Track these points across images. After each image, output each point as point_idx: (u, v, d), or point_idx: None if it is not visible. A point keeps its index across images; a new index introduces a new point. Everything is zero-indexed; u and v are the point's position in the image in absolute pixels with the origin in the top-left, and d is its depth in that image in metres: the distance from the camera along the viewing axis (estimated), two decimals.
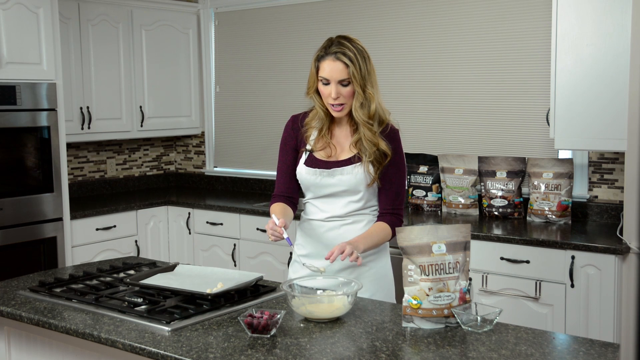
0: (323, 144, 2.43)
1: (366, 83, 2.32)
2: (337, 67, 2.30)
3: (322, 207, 2.45)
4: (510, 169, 3.83)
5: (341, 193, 2.41)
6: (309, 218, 2.50)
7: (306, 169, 2.44)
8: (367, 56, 2.35)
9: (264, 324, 1.94)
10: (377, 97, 2.36)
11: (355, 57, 2.30)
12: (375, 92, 2.35)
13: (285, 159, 2.52)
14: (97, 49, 4.59)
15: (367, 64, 2.33)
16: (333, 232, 2.44)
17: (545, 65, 3.72)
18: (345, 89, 2.32)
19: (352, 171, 2.38)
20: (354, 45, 2.33)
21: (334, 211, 2.43)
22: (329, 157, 2.42)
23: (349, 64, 2.29)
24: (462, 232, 2.10)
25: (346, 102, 2.35)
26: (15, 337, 2.44)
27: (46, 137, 3.98)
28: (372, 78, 2.35)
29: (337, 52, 2.30)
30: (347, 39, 2.35)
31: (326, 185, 2.41)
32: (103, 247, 4.37)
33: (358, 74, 2.30)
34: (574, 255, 3.19)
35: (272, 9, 4.92)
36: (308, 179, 2.44)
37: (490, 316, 2.02)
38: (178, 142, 5.60)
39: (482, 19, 4.02)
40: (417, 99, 4.30)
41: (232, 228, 4.46)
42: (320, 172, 2.41)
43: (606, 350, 1.85)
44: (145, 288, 2.30)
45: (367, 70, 2.33)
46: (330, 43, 2.34)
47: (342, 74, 2.30)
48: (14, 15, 3.81)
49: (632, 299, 0.99)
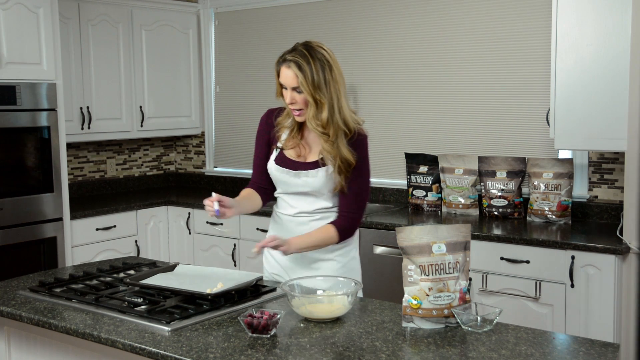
0: (293, 144, 2.48)
1: (320, 92, 2.31)
2: (289, 74, 2.33)
3: (291, 202, 2.51)
4: (510, 169, 3.83)
5: (308, 192, 2.46)
6: (279, 212, 2.57)
7: (275, 167, 2.50)
8: (327, 65, 2.33)
9: (264, 324, 1.94)
10: (336, 107, 2.34)
11: (309, 66, 2.30)
12: (332, 101, 2.33)
13: (259, 152, 2.59)
14: (97, 49, 4.59)
15: (326, 74, 2.32)
16: (302, 227, 2.48)
17: (545, 65, 3.72)
18: (299, 96, 2.34)
19: (316, 175, 2.42)
20: (313, 55, 2.32)
21: (302, 207, 2.49)
22: (298, 157, 2.47)
23: (298, 74, 2.30)
24: (462, 232, 2.10)
25: (303, 107, 2.37)
26: (15, 337, 2.44)
27: (46, 137, 3.98)
28: (331, 87, 2.33)
29: (291, 61, 2.32)
30: (308, 47, 2.34)
31: (293, 184, 2.47)
32: (103, 247, 4.37)
33: (307, 84, 2.30)
34: (574, 255, 3.19)
35: (272, 9, 4.92)
36: (276, 176, 2.50)
37: (490, 316, 2.02)
38: (178, 142, 5.61)
39: (482, 19, 4.02)
40: (417, 99, 4.31)
41: (232, 228, 4.46)
42: (287, 172, 2.47)
43: (606, 350, 1.85)
44: (145, 288, 2.30)
45: (324, 80, 2.31)
46: (292, 49, 2.36)
47: (294, 82, 2.32)
48: (14, 15, 3.81)
49: (632, 299, 0.99)
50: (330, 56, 2.35)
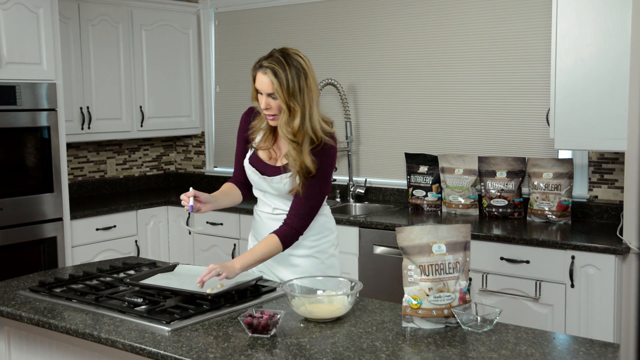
0: (266, 146, 2.52)
1: (293, 100, 2.33)
2: (265, 80, 2.35)
3: (268, 201, 2.58)
4: (510, 169, 3.83)
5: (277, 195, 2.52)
6: (259, 210, 2.63)
7: (248, 166, 2.56)
8: (302, 72, 2.34)
9: (264, 324, 1.94)
10: (307, 115, 2.36)
11: (284, 73, 2.31)
12: (305, 109, 2.35)
13: (238, 148, 2.64)
14: (97, 49, 4.59)
15: (300, 81, 2.33)
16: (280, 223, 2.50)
17: (545, 65, 3.72)
18: (274, 102, 2.36)
19: (281, 181, 2.47)
20: (289, 62, 2.33)
21: (279, 205, 2.54)
22: (269, 159, 2.52)
23: (274, 81, 2.32)
24: (462, 232, 2.10)
25: (277, 113, 2.39)
26: (15, 337, 2.44)
27: (46, 137, 3.98)
28: (304, 95, 2.35)
29: (267, 67, 2.34)
30: (285, 54, 2.36)
31: (263, 185, 2.53)
32: (103, 247, 4.37)
33: (282, 91, 2.32)
34: (574, 255, 3.19)
35: (272, 9, 4.92)
36: (250, 175, 2.58)
37: (490, 316, 2.02)
38: (178, 142, 5.61)
39: (483, 19, 4.02)
40: (417, 99, 4.31)
41: (232, 228, 4.46)
42: (257, 174, 2.53)
43: (606, 350, 1.85)
44: (145, 288, 2.31)
45: (299, 87, 2.33)
46: (269, 56, 2.38)
47: (269, 88, 2.34)
48: (14, 15, 3.81)
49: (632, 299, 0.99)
50: (306, 64, 2.37)
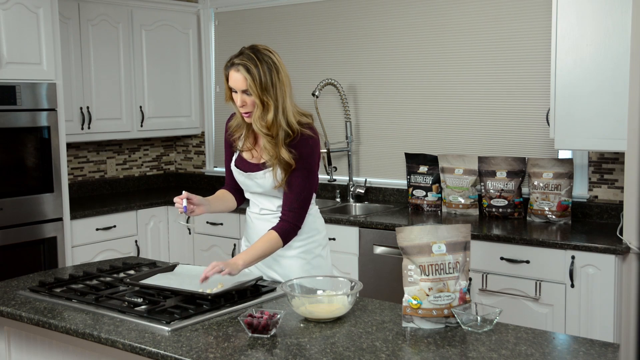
0: (248, 146, 2.56)
1: (267, 94, 2.37)
2: (238, 77, 2.38)
3: (256, 201, 2.62)
4: (510, 169, 3.83)
5: (263, 193, 2.55)
6: (249, 211, 2.67)
7: (235, 169, 2.60)
8: (274, 67, 2.39)
9: (264, 324, 1.94)
10: (280, 108, 2.40)
11: (257, 69, 2.36)
12: (278, 103, 2.39)
13: (226, 154, 2.68)
14: (97, 49, 4.59)
15: (272, 76, 2.38)
16: (267, 224, 2.55)
17: (545, 65, 3.72)
18: (249, 98, 2.40)
19: (264, 176, 2.50)
20: (259, 58, 2.38)
21: (266, 205, 2.58)
22: (252, 159, 2.55)
23: (247, 76, 2.36)
24: (462, 232, 2.10)
25: (252, 109, 2.42)
26: (15, 337, 2.44)
27: (46, 137, 3.98)
28: (277, 90, 2.39)
29: (239, 64, 2.38)
30: (255, 50, 2.41)
31: (250, 185, 2.57)
32: (103, 247, 4.37)
33: (256, 87, 2.36)
34: (574, 255, 3.19)
35: (272, 9, 4.92)
36: (237, 178, 2.61)
37: (490, 316, 2.02)
38: (178, 142, 5.61)
39: (482, 18, 4.02)
40: (417, 99, 4.31)
41: (232, 228, 4.46)
42: (242, 174, 2.56)
43: (606, 350, 1.86)
44: (145, 288, 2.31)
45: (271, 82, 2.37)
46: (240, 53, 2.42)
47: (243, 85, 2.38)
48: (14, 15, 3.81)
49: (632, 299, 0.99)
50: (276, 58, 2.42)
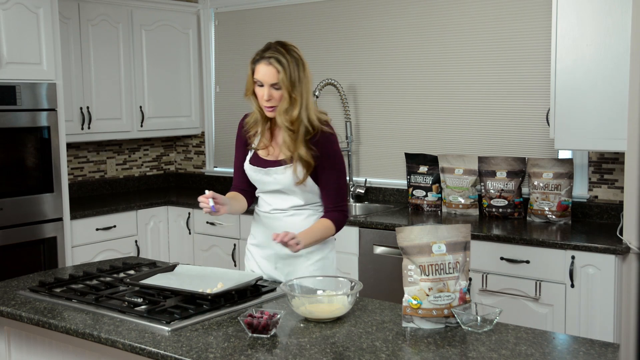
0: (265, 144, 2.57)
1: (294, 89, 2.41)
2: (270, 71, 2.41)
3: (268, 200, 2.62)
4: (510, 169, 3.83)
5: (280, 190, 2.55)
6: (258, 210, 2.68)
7: (250, 167, 2.60)
8: (301, 64, 2.45)
9: (264, 324, 1.94)
10: (304, 104, 2.44)
11: (288, 64, 2.40)
12: (302, 99, 2.43)
13: (238, 155, 2.69)
14: (97, 49, 4.59)
15: (300, 72, 2.43)
16: (277, 222, 2.58)
17: (545, 65, 3.72)
18: (277, 92, 2.43)
19: (284, 172, 2.51)
20: (289, 52, 2.43)
21: (277, 204, 2.59)
22: (269, 156, 2.56)
23: (279, 69, 2.40)
24: (462, 232, 2.10)
25: (278, 104, 2.44)
26: (15, 337, 2.44)
27: (46, 137, 3.98)
28: (303, 86, 2.44)
29: (271, 57, 2.42)
30: (284, 46, 2.46)
31: (266, 182, 2.57)
32: (103, 247, 4.37)
33: (287, 80, 2.40)
34: (574, 255, 3.19)
35: (272, 9, 4.92)
36: (252, 176, 2.61)
37: (490, 316, 2.02)
38: (178, 142, 5.61)
39: (482, 18, 4.02)
40: (417, 99, 4.31)
41: (232, 228, 4.46)
42: (259, 170, 2.57)
43: (606, 350, 1.86)
44: (145, 288, 2.31)
45: (299, 78, 2.42)
46: (268, 48, 2.46)
47: (274, 78, 2.41)
48: (14, 15, 3.81)
49: (632, 299, 0.99)
50: (301, 55, 2.47)
